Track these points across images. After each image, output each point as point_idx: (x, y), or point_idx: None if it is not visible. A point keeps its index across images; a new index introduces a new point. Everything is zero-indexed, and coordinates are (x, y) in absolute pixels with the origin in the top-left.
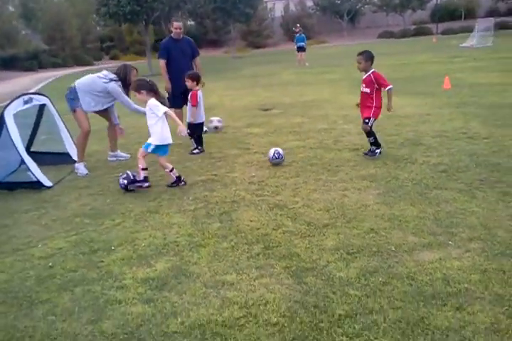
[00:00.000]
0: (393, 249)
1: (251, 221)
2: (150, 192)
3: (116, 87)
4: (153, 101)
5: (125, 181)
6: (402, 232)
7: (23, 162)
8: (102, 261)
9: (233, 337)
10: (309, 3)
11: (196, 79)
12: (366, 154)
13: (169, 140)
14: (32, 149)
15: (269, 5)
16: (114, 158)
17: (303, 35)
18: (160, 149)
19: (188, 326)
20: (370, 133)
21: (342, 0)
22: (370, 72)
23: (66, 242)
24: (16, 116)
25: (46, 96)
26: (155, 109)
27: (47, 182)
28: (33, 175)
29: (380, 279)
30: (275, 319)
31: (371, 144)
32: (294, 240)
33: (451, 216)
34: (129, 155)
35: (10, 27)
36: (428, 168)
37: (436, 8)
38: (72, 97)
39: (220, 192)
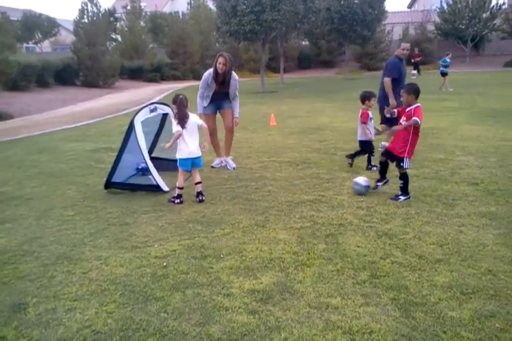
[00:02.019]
0: None
1: (358, 246)
2: (258, 206)
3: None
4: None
5: None
6: None
7: (146, 167)
8: (212, 268)
9: None
10: (431, 27)
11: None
12: (392, 199)
13: (188, 155)
14: (153, 155)
15: (388, 27)
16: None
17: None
18: (182, 163)
19: None
20: (402, 176)
21: (467, 25)
22: (414, 106)
23: (179, 245)
24: (143, 123)
25: (169, 106)
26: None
27: (165, 187)
28: (154, 179)
29: (497, 325)
30: None
31: (400, 189)
32: (403, 272)
33: None
34: (234, 166)
35: (140, 40)
36: None
37: None
38: None
39: (326, 213)
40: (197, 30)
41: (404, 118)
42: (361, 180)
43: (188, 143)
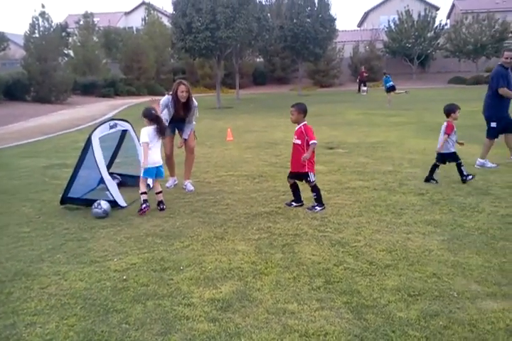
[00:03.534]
0: (455, 295)
1: (313, 255)
2: (216, 219)
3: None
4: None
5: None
6: (466, 280)
7: (102, 181)
8: (172, 279)
9: None
10: (379, 46)
11: None
12: (308, 208)
13: (151, 164)
14: (110, 170)
15: (339, 45)
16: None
17: (389, 76)
18: (148, 172)
19: None
20: (313, 188)
21: (413, 44)
22: (302, 124)
23: (139, 259)
24: (101, 139)
25: (129, 123)
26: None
27: (122, 203)
28: (111, 194)
29: (441, 323)
30: None
31: (314, 200)
32: (355, 277)
33: None
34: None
35: (93, 56)
36: (495, 218)
37: None
38: None
39: (283, 224)
40: (151, 45)
41: (295, 136)
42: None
43: (154, 153)
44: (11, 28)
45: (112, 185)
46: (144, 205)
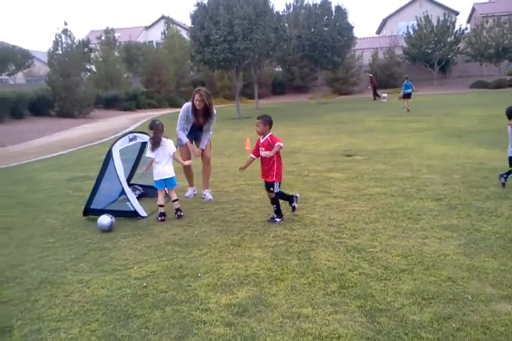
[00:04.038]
0: (470, 298)
1: (328, 261)
2: (234, 227)
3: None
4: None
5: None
6: (481, 283)
7: (123, 193)
8: (190, 286)
9: None
10: (399, 52)
11: None
12: (268, 220)
13: (156, 177)
14: (131, 182)
15: (358, 53)
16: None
17: (410, 82)
18: (157, 184)
19: None
20: (274, 201)
21: (433, 49)
22: (268, 135)
23: (158, 266)
24: (121, 151)
25: (148, 135)
26: None
27: (142, 213)
28: (131, 205)
29: (454, 325)
30: None
31: (274, 212)
32: (370, 282)
33: None
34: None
35: (114, 70)
36: None
37: None
38: None
39: (299, 231)
40: (171, 59)
41: (263, 149)
42: (103, 220)
43: (160, 166)
44: (36, 46)
45: (131, 195)
46: (159, 218)
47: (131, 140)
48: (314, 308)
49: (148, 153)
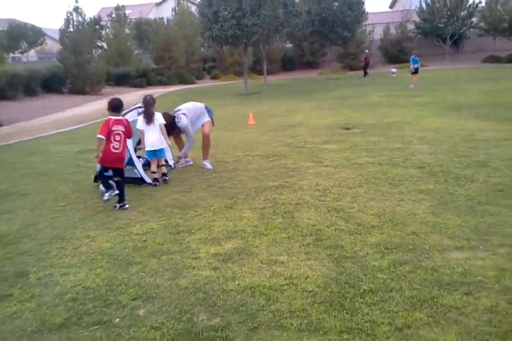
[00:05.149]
0: (427, 248)
1: (309, 219)
2: (228, 192)
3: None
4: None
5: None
6: (440, 236)
7: (129, 162)
8: (184, 239)
9: (275, 297)
10: (411, 27)
11: None
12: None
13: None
14: (137, 154)
15: (369, 28)
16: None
17: (417, 57)
18: (148, 154)
19: (243, 287)
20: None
21: (445, 24)
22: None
23: (157, 225)
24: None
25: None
26: None
27: (148, 180)
28: (139, 172)
29: (407, 269)
30: (311, 288)
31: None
32: (342, 236)
33: (490, 226)
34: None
35: (125, 47)
36: (486, 187)
37: None
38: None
39: (287, 195)
40: (182, 35)
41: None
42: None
43: (150, 138)
44: (47, 23)
45: (138, 163)
46: (153, 183)
47: (139, 114)
48: (290, 256)
49: (139, 125)
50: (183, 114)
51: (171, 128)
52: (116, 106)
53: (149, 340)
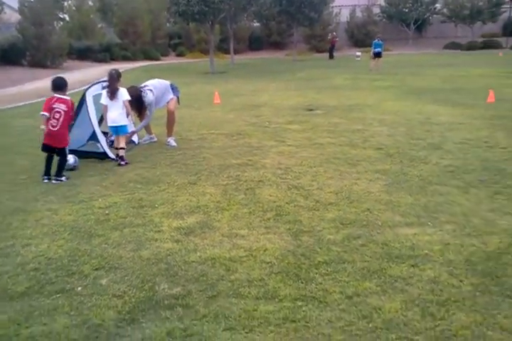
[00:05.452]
0: (380, 224)
1: (270, 196)
2: (192, 169)
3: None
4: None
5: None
6: (392, 213)
7: (91, 137)
8: (147, 213)
9: (234, 267)
10: (376, 10)
11: None
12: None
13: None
14: (101, 129)
15: (336, 10)
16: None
17: (381, 41)
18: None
19: (204, 258)
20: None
21: (410, 8)
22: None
23: (120, 199)
24: (94, 98)
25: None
26: None
27: (111, 155)
28: (102, 146)
29: (360, 242)
30: (269, 259)
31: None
32: (301, 212)
33: (439, 205)
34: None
35: (88, 20)
36: (438, 168)
37: (508, 22)
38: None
39: (250, 173)
40: (147, 9)
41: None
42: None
43: (112, 114)
44: None
45: (102, 137)
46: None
47: (103, 88)
48: (250, 230)
49: (102, 100)
50: (150, 90)
51: (138, 102)
52: (58, 85)
53: (111, 308)
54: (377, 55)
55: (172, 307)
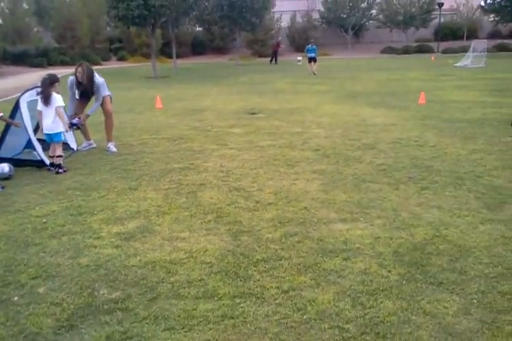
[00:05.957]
0: (315, 221)
1: (211, 198)
2: (133, 174)
3: None
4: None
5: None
6: (328, 211)
7: (27, 145)
8: (86, 220)
9: (174, 269)
10: (316, 16)
11: None
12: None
13: (45, 131)
14: (37, 137)
15: (277, 15)
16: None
17: (314, 46)
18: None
19: (144, 262)
20: None
21: (347, 14)
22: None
23: (58, 207)
24: (28, 104)
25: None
26: None
27: (48, 162)
28: (38, 154)
29: (297, 239)
30: (209, 260)
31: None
32: (241, 212)
33: (371, 201)
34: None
35: (23, 24)
36: (371, 167)
37: (439, 27)
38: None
39: (192, 176)
40: (86, 13)
41: None
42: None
43: (46, 120)
44: None
45: (38, 145)
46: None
47: (38, 94)
48: (191, 232)
49: (39, 106)
50: (98, 74)
51: (90, 82)
52: None
53: (49, 315)
54: (311, 59)
55: (111, 311)
